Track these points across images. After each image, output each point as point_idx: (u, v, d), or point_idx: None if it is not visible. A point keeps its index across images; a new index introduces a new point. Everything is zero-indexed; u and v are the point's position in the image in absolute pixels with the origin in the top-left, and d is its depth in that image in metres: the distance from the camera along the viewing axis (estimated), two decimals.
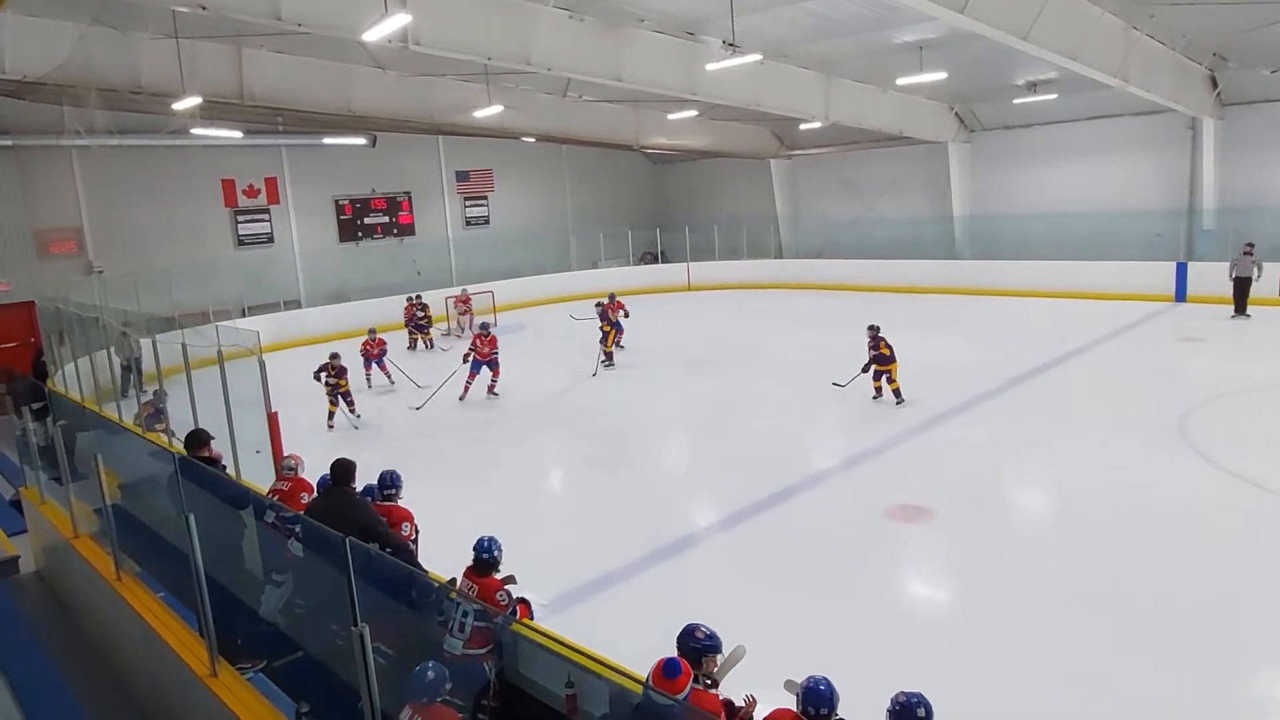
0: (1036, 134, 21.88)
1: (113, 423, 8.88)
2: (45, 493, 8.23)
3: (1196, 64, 17.23)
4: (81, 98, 13.49)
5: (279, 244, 22.20)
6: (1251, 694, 5.34)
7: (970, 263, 22.63)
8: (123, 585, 6.00)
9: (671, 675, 3.33)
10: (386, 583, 4.30)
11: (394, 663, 4.08)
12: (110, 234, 18.94)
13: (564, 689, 3.74)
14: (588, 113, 21.27)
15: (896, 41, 15.75)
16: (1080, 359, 14.23)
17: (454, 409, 13.43)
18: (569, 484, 10.48)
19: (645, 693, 3.31)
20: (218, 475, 5.81)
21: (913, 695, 3.27)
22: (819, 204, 27.12)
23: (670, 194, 30.94)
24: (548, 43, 13.00)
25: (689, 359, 16.37)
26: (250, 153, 21.07)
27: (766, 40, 14.58)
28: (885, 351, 11.90)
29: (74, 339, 12.87)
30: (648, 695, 3.28)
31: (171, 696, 5.33)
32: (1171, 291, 18.92)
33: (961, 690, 5.01)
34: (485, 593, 4.68)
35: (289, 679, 4.82)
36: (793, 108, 18.36)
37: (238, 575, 5.37)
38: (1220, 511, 7.86)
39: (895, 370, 11.94)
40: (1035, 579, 6.76)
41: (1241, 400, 11.28)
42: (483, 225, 26.49)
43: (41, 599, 7.91)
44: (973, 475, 9.21)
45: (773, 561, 7.40)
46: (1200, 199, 19.41)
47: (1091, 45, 13.20)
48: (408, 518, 5.85)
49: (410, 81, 17.66)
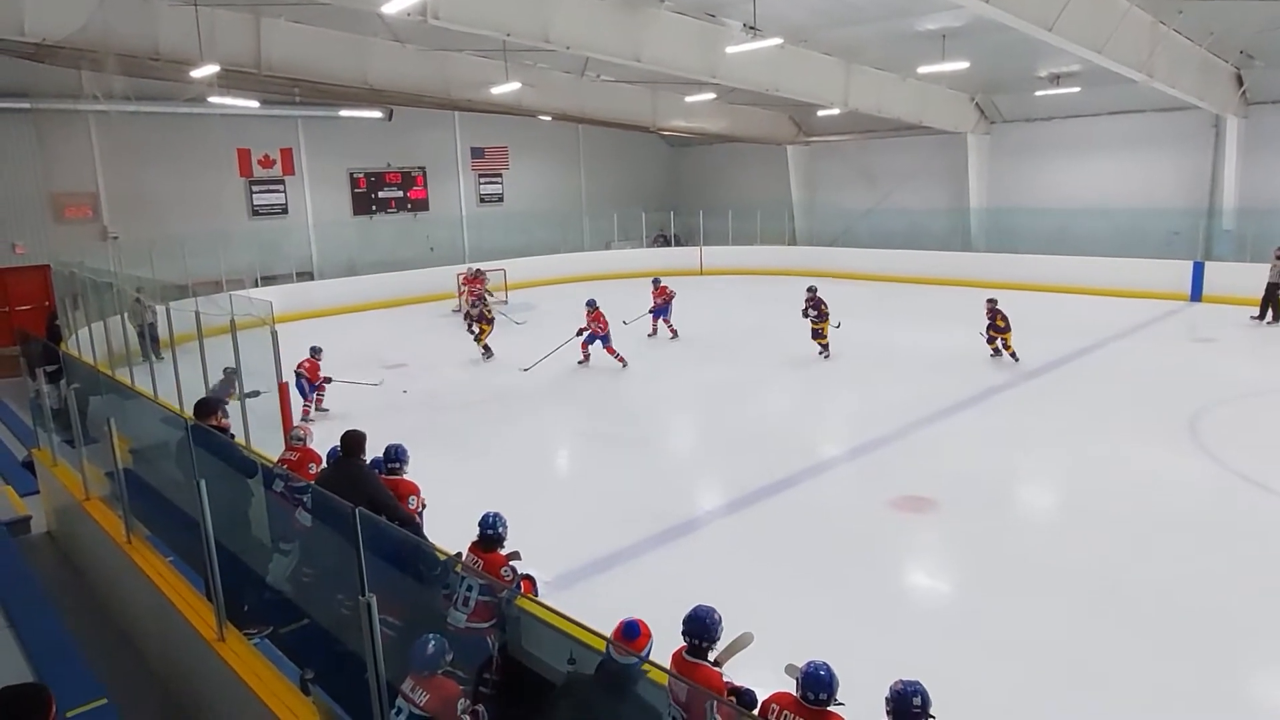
0: (1057, 127, 21.65)
1: (126, 387, 8.94)
2: (58, 455, 8.33)
3: (1223, 61, 16.99)
4: (100, 63, 13.52)
5: (293, 215, 22.26)
6: (1250, 693, 5.36)
7: (985, 255, 22.46)
8: (133, 548, 6.08)
9: (630, 637, 3.53)
10: (393, 554, 4.34)
11: (399, 633, 4.13)
12: (126, 200, 19.01)
13: (566, 665, 3.78)
14: (605, 93, 21.15)
15: (919, 29, 15.58)
16: (1092, 356, 14.15)
17: (462, 386, 13.49)
18: (576, 463, 10.53)
19: (607, 649, 3.44)
20: (228, 442, 5.85)
21: (910, 684, 3.30)
22: (835, 192, 26.94)
23: (685, 177, 30.79)
24: (567, 20, 12.92)
25: (699, 343, 16.35)
26: (266, 123, 21.08)
27: (788, 24, 14.45)
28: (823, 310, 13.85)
29: (88, 304, 12.96)
30: (609, 653, 3.42)
31: (180, 659, 5.41)
32: (1187, 291, 18.75)
33: (959, 680, 5.03)
34: (490, 568, 4.73)
35: (294, 646, 4.89)
36: (812, 93, 18.22)
37: (246, 542, 5.43)
38: (1227, 512, 7.85)
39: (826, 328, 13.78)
40: (1038, 573, 6.77)
41: (1253, 403, 11.22)
42: (496, 203, 26.46)
43: (52, 559, 8.03)
44: (979, 468, 9.20)
45: (777, 547, 7.43)
46: (1220, 198, 19.19)
47: (1117, 38, 13.02)
48: (415, 491, 5.89)
49: (428, 56, 17.59)
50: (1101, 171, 20.96)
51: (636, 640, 3.54)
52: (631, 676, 3.41)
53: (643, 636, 3.56)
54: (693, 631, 3.73)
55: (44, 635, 5.85)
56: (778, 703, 3.44)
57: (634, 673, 3.41)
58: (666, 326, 16.66)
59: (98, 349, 11.85)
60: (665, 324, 16.66)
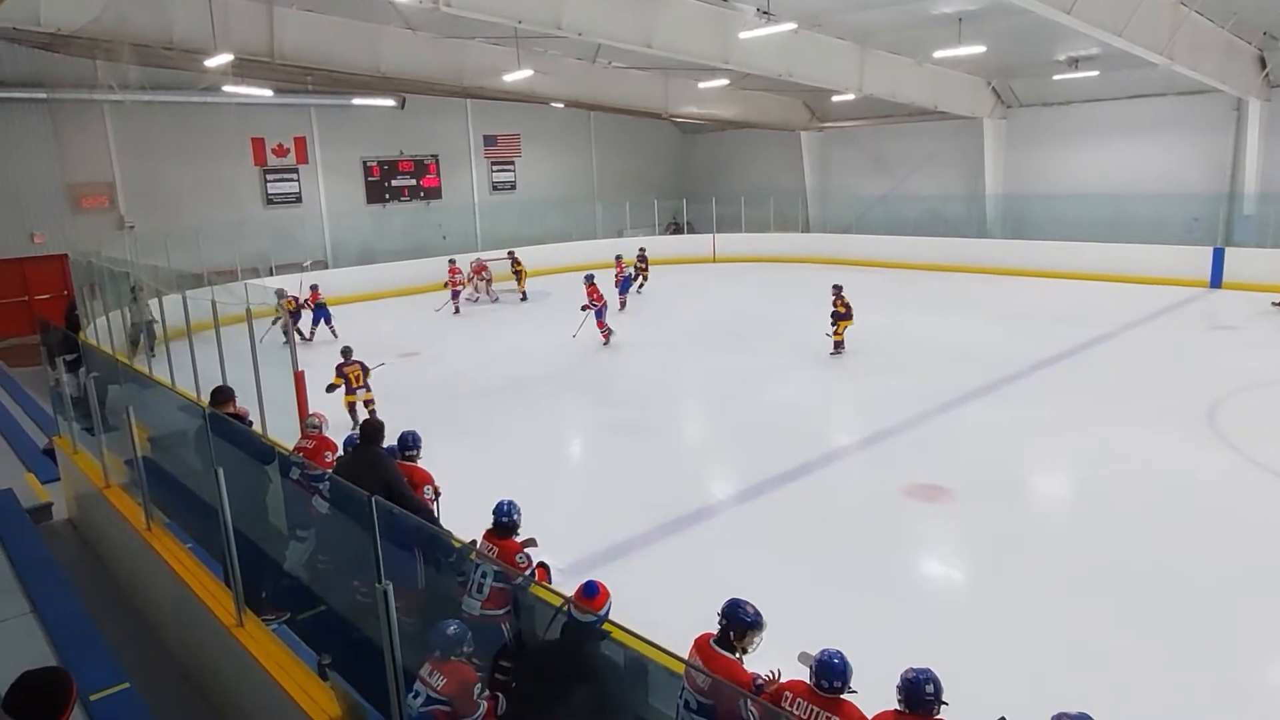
0: (1075, 112, 21.39)
1: (144, 376, 9.04)
2: (78, 443, 8.43)
3: (1246, 43, 16.71)
4: (115, 53, 13.58)
5: (307, 204, 22.34)
6: (1268, 687, 5.33)
7: (1001, 242, 22.28)
8: (152, 535, 6.15)
9: (590, 595, 3.72)
10: (408, 542, 4.38)
11: (414, 621, 4.16)
12: (141, 189, 19.15)
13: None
14: (617, 79, 21.05)
15: (935, 13, 15.39)
16: (1110, 343, 14.03)
17: (476, 373, 13.53)
18: (589, 451, 10.56)
19: (569, 610, 3.67)
20: (245, 430, 5.90)
21: (922, 671, 3.29)
22: (849, 178, 26.76)
23: (698, 164, 30.66)
24: (579, 7, 12.86)
25: (711, 331, 16.33)
26: (280, 112, 21.13)
27: (802, 9, 14.30)
28: (841, 309, 13.45)
29: (105, 293, 13.07)
30: (570, 612, 3.66)
31: (199, 644, 5.48)
32: (1207, 277, 18.53)
33: (972, 668, 5.03)
34: (505, 555, 4.75)
35: (312, 631, 4.94)
36: (826, 79, 18.07)
37: (263, 529, 5.49)
38: (1246, 503, 7.76)
39: (844, 326, 13.52)
40: (1052, 562, 6.74)
41: (1274, 391, 11.09)
42: (509, 190, 26.44)
43: (74, 546, 8.14)
44: (994, 457, 9.16)
45: (791, 535, 7.43)
46: (1242, 183, 18.92)
47: (1138, 21, 12.82)
48: (429, 480, 5.93)
49: (440, 43, 17.56)
50: (1120, 157, 20.70)
51: (595, 599, 3.71)
52: (590, 634, 3.62)
53: (601, 595, 3.72)
54: (728, 622, 3.65)
55: (66, 620, 5.94)
56: (791, 690, 3.45)
57: (593, 631, 3.61)
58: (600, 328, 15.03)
59: (116, 338, 11.96)
60: (599, 325, 15.00)
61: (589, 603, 3.70)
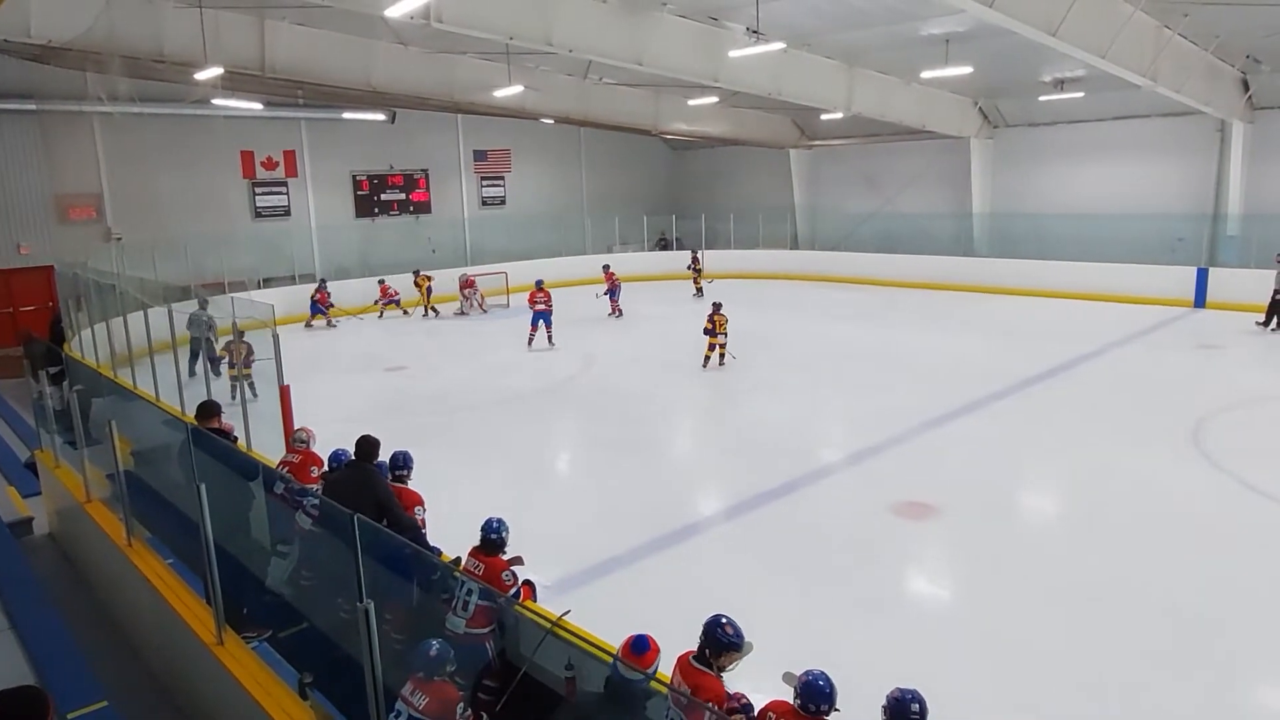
0: (1061, 132, 21.63)
1: (127, 389, 8.97)
2: (60, 456, 8.34)
3: (1229, 66, 16.96)
4: (105, 64, 13.56)
5: (296, 217, 22.29)
6: (1254, 704, 5.34)
7: (988, 260, 22.45)
8: (133, 551, 6.08)
9: (639, 652, 3.44)
10: (392, 561, 4.34)
11: (397, 639, 4.12)
12: (130, 201, 19.08)
13: (564, 672, 3.76)
14: (607, 96, 21.17)
15: (923, 34, 15.57)
16: (1095, 362, 14.12)
17: (464, 389, 13.49)
18: (576, 467, 10.52)
19: (614, 665, 3.38)
20: (229, 446, 5.86)
21: (907, 691, 3.28)
22: (837, 196, 26.93)
23: (687, 180, 30.80)
24: (570, 24, 12.93)
25: (701, 347, 16.31)
26: (270, 125, 21.12)
27: (791, 28, 14.45)
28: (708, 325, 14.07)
29: (91, 305, 12.98)
30: (616, 668, 3.36)
31: (179, 661, 5.41)
32: (1191, 297, 18.72)
33: (959, 689, 5.03)
34: (491, 572, 4.72)
35: (293, 650, 4.88)
36: (815, 97, 18.22)
37: (246, 546, 5.44)
38: (1230, 520, 7.80)
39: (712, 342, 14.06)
40: (1040, 580, 6.74)
41: (1257, 410, 11.19)
42: (499, 205, 26.48)
43: (54, 560, 8.04)
44: (981, 475, 9.17)
45: (777, 553, 7.41)
46: (1225, 204, 19.15)
47: (1122, 43, 13.00)
48: (419, 501, 5.86)
49: (431, 58, 17.63)
50: (1105, 177, 20.93)
51: (645, 656, 3.45)
52: (638, 694, 3.35)
53: (651, 652, 3.47)
54: (706, 640, 3.64)
55: (45, 637, 5.85)
56: (774, 711, 3.42)
57: (640, 690, 3.35)
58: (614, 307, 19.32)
59: (100, 351, 11.87)
60: (614, 304, 19.38)
61: (638, 660, 3.42)
